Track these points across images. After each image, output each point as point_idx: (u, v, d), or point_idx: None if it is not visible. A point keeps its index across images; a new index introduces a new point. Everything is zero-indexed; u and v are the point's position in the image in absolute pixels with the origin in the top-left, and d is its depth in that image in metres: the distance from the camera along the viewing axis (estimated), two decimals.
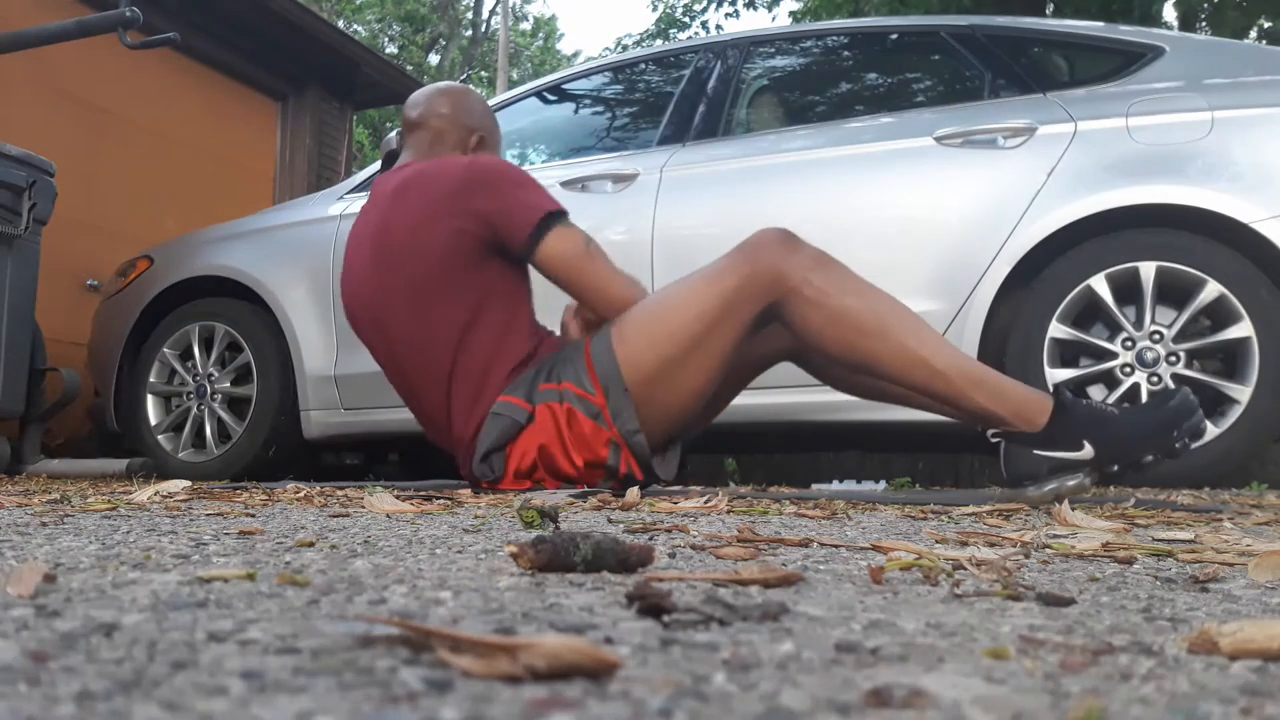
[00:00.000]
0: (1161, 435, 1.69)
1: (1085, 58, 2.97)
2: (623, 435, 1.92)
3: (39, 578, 0.62)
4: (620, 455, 1.94)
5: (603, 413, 1.92)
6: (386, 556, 0.85)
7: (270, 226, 3.54)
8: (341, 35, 6.77)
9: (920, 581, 0.75)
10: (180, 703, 0.36)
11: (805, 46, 3.43)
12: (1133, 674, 0.45)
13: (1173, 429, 1.69)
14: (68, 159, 3.97)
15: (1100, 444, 1.70)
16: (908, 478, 3.57)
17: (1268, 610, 0.66)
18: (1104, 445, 1.70)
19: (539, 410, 1.95)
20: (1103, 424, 1.71)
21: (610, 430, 1.92)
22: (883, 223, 2.72)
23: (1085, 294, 2.49)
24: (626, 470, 1.95)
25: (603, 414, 1.92)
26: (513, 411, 1.97)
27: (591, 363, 1.94)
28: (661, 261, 2.84)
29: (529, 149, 3.77)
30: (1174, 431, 1.69)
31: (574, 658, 0.40)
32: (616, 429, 1.92)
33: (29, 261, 3.23)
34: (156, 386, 3.49)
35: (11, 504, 1.46)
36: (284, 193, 6.20)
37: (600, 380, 1.92)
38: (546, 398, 1.95)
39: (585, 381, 1.93)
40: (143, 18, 3.06)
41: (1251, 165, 2.41)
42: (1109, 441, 1.70)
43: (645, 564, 0.77)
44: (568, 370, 1.96)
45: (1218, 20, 8.70)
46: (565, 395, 1.94)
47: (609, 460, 1.94)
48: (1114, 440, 1.70)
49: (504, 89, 17.34)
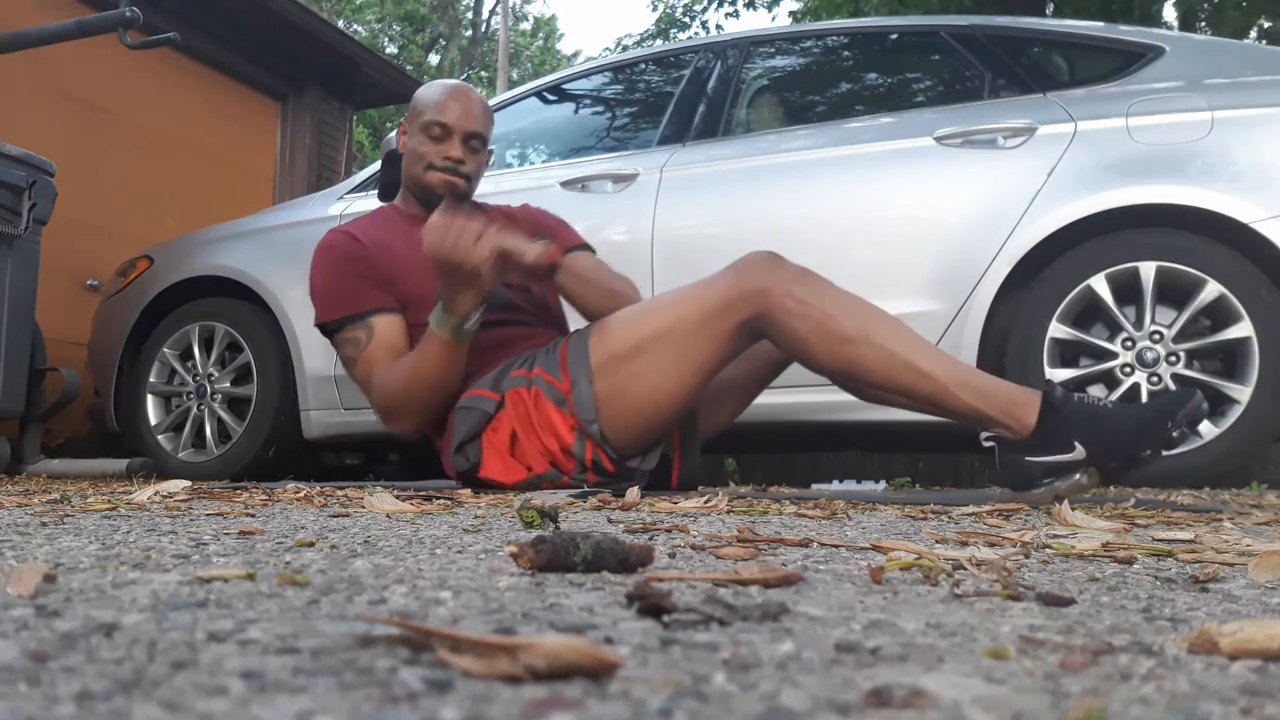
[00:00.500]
0: (1156, 427, 1.66)
1: (1085, 58, 2.97)
2: (581, 423, 1.93)
3: (39, 578, 0.62)
4: (585, 443, 1.95)
5: (567, 399, 1.94)
6: (386, 556, 0.85)
7: (270, 226, 3.54)
8: (341, 35, 6.77)
9: (920, 581, 0.75)
10: (180, 703, 0.36)
11: (805, 46, 3.43)
12: (1133, 674, 0.45)
13: (1167, 419, 1.66)
14: (68, 159, 3.97)
15: (1092, 442, 1.68)
16: (908, 478, 3.56)
17: (1268, 610, 0.66)
18: (1096, 443, 1.68)
19: (508, 396, 1.99)
20: (1094, 421, 1.69)
21: (572, 416, 1.94)
22: (883, 223, 2.72)
23: (1085, 294, 2.49)
24: (593, 457, 1.96)
25: (566, 400, 1.94)
26: (479, 403, 2.01)
27: (565, 353, 1.97)
28: (661, 262, 2.85)
29: (529, 149, 3.77)
30: (1168, 421, 1.66)
31: (574, 658, 0.40)
32: (576, 415, 1.93)
33: (29, 261, 3.23)
34: (156, 386, 3.49)
35: (11, 504, 1.46)
36: (284, 193, 6.20)
37: (569, 368, 1.94)
38: (516, 383, 1.99)
39: (556, 370, 1.96)
40: (143, 18, 3.06)
41: (1251, 165, 2.41)
42: (1101, 439, 1.68)
43: (645, 564, 0.77)
44: (542, 358, 2.00)
45: (1218, 20, 8.70)
46: (535, 380, 1.98)
47: (574, 448, 1.95)
48: (1106, 437, 1.68)
49: (504, 89, 17.34)
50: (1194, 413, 1.68)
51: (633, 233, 2.92)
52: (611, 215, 2.97)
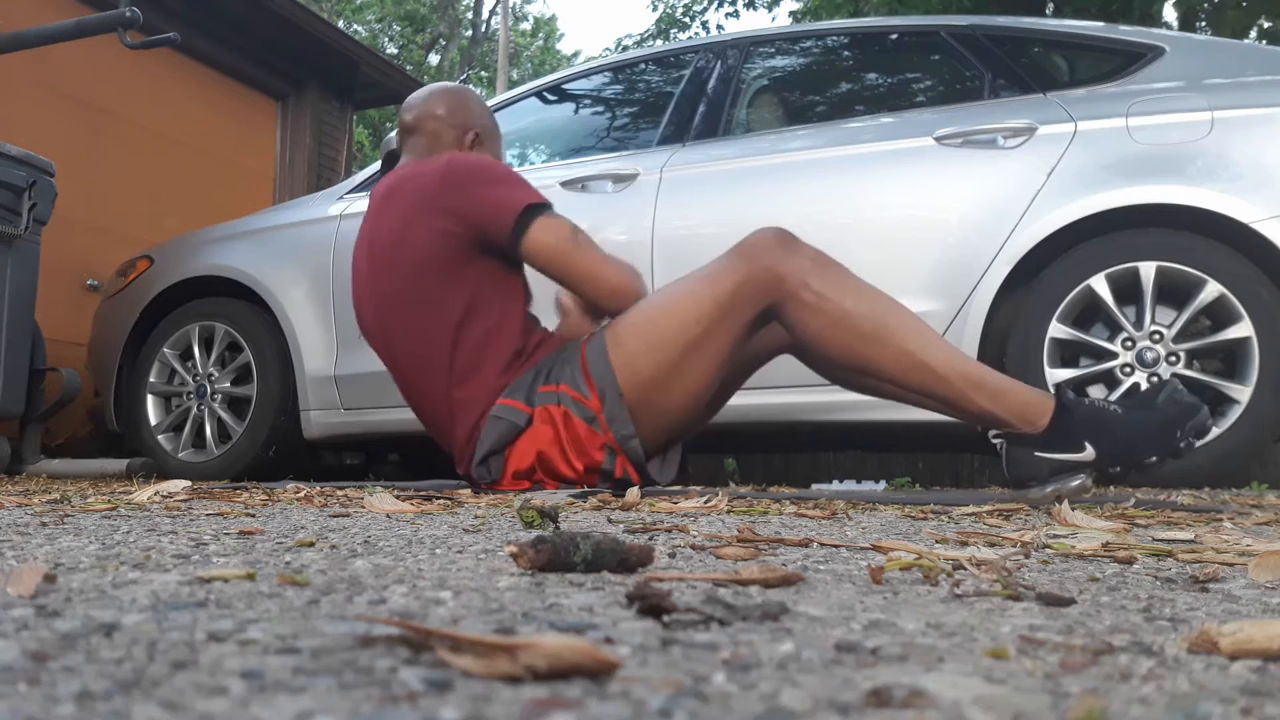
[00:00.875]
0: (1165, 436, 1.67)
1: (1085, 58, 2.97)
2: (618, 440, 1.91)
3: (39, 578, 0.62)
4: (616, 460, 1.94)
5: (598, 417, 1.91)
6: (386, 556, 0.85)
7: (270, 226, 3.54)
8: (341, 35, 6.76)
9: (920, 581, 0.75)
10: (180, 703, 0.36)
11: (805, 46, 3.43)
12: (1133, 674, 0.45)
13: (1176, 429, 1.67)
14: (68, 159, 3.97)
15: (1102, 445, 1.69)
16: (908, 478, 3.57)
17: (1268, 610, 0.66)
18: (1106, 446, 1.69)
19: (537, 413, 1.95)
20: (1105, 424, 1.70)
21: (605, 435, 1.91)
22: (883, 223, 2.72)
23: (1085, 294, 2.49)
24: (623, 474, 1.95)
25: (598, 419, 1.91)
26: (512, 415, 1.97)
27: (587, 367, 1.93)
28: (661, 261, 2.84)
29: (529, 149, 3.77)
30: (1177, 431, 1.67)
31: (574, 658, 0.40)
32: (612, 434, 1.91)
33: (29, 261, 3.23)
34: (156, 386, 3.49)
35: (11, 504, 1.46)
36: (284, 193, 6.20)
37: (596, 385, 1.91)
38: (545, 400, 1.95)
39: (581, 385, 1.93)
40: (143, 18, 3.06)
41: (1251, 165, 2.41)
42: (1111, 443, 1.69)
43: (645, 564, 0.77)
44: (564, 373, 1.96)
45: (1218, 20, 8.70)
46: (562, 398, 1.94)
47: (604, 465, 1.94)
48: (1116, 441, 1.69)
49: (504, 89, 17.34)
50: (1200, 425, 1.70)
51: (633, 233, 2.92)
52: (611, 215, 2.97)
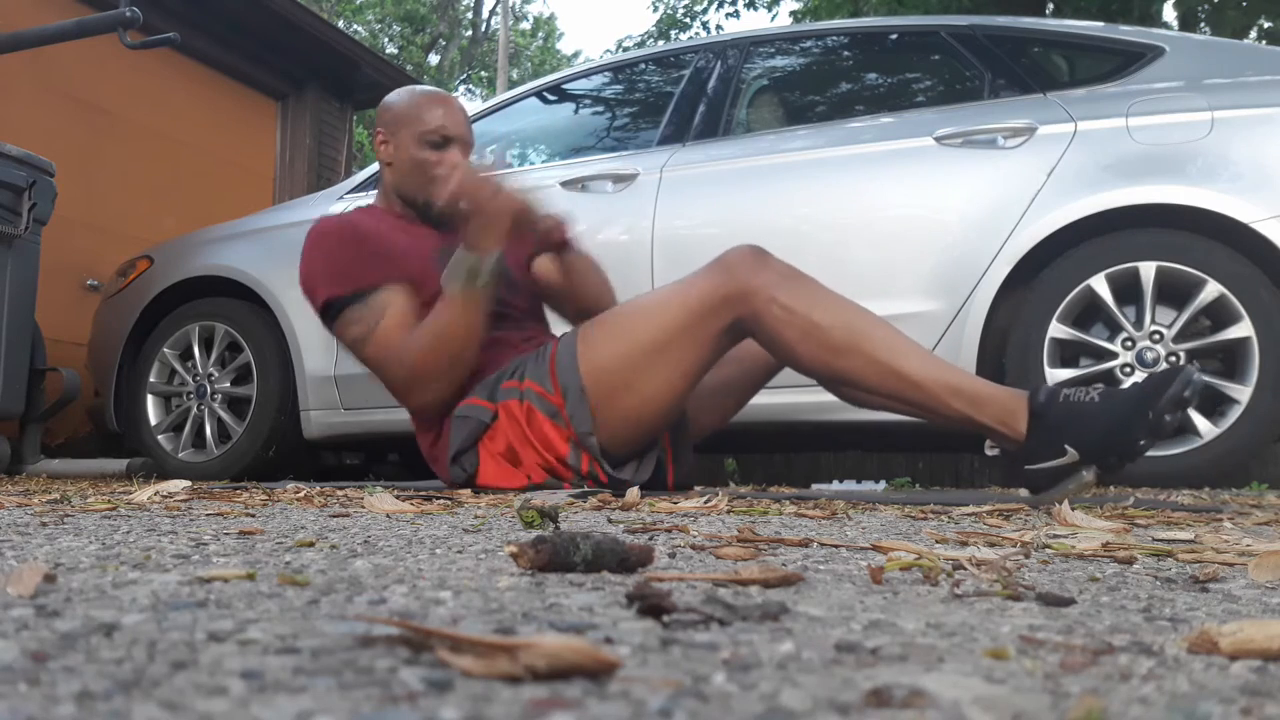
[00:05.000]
0: (1139, 415, 1.62)
1: (1085, 58, 2.97)
2: (577, 435, 1.92)
3: (39, 578, 0.62)
4: (581, 454, 1.95)
5: (560, 412, 1.92)
6: (386, 556, 0.85)
7: (270, 226, 3.54)
8: (341, 35, 6.77)
9: (920, 581, 0.75)
10: (180, 703, 0.36)
11: (805, 46, 3.43)
12: (1133, 674, 0.45)
13: (1148, 407, 1.62)
14: (68, 159, 3.97)
15: (1080, 442, 1.66)
16: (908, 478, 3.57)
17: (1268, 610, 0.66)
18: (1085, 443, 1.66)
19: (501, 408, 1.97)
20: (1081, 420, 1.66)
21: (567, 429, 1.93)
22: (883, 223, 2.72)
23: (1085, 294, 2.49)
24: (589, 470, 1.96)
25: (560, 413, 1.92)
26: (476, 412, 1.99)
27: (555, 363, 1.95)
28: (661, 261, 2.84)
29: (529, 149, 3.77)
30: (1149, 410, 1.61)
31: (574, 658, 0.40)
32: (572, 428, 1.92)
33: (29, 261, 3.23)
34: (156, 386, 3.49)
35: (11, 504, 1.46)
36: (284, 193, 6.20)
37: (560, 381, 1.93)
38: (508, 395, 1.97)
39: (546, 381, 1.94)
40: (143, 18, 3.06)
41: (1251, 165, 2.41)
42: (1089, 437, 1.65)
43: (645, 564, 0.77)
44: (531, 368, 1.98)
45: (1218, 20, 8.70)
46: (526, 394, 1.95)
47: (569, 459, 1.95)
48: (1094, 434, 1.65)
49: (504, 89, 17.34)
50: (1179, 395, 1.61)
51: (632, 233, 2.92)
52: (611, 215, 2.97)
